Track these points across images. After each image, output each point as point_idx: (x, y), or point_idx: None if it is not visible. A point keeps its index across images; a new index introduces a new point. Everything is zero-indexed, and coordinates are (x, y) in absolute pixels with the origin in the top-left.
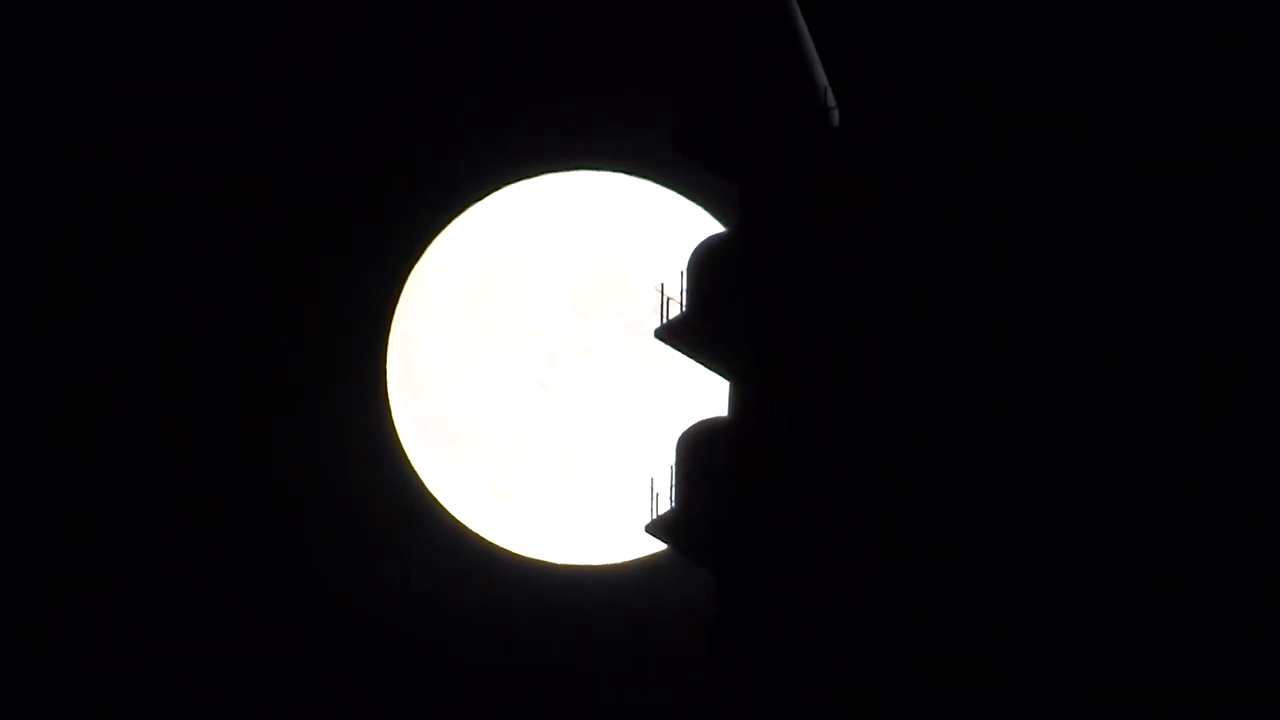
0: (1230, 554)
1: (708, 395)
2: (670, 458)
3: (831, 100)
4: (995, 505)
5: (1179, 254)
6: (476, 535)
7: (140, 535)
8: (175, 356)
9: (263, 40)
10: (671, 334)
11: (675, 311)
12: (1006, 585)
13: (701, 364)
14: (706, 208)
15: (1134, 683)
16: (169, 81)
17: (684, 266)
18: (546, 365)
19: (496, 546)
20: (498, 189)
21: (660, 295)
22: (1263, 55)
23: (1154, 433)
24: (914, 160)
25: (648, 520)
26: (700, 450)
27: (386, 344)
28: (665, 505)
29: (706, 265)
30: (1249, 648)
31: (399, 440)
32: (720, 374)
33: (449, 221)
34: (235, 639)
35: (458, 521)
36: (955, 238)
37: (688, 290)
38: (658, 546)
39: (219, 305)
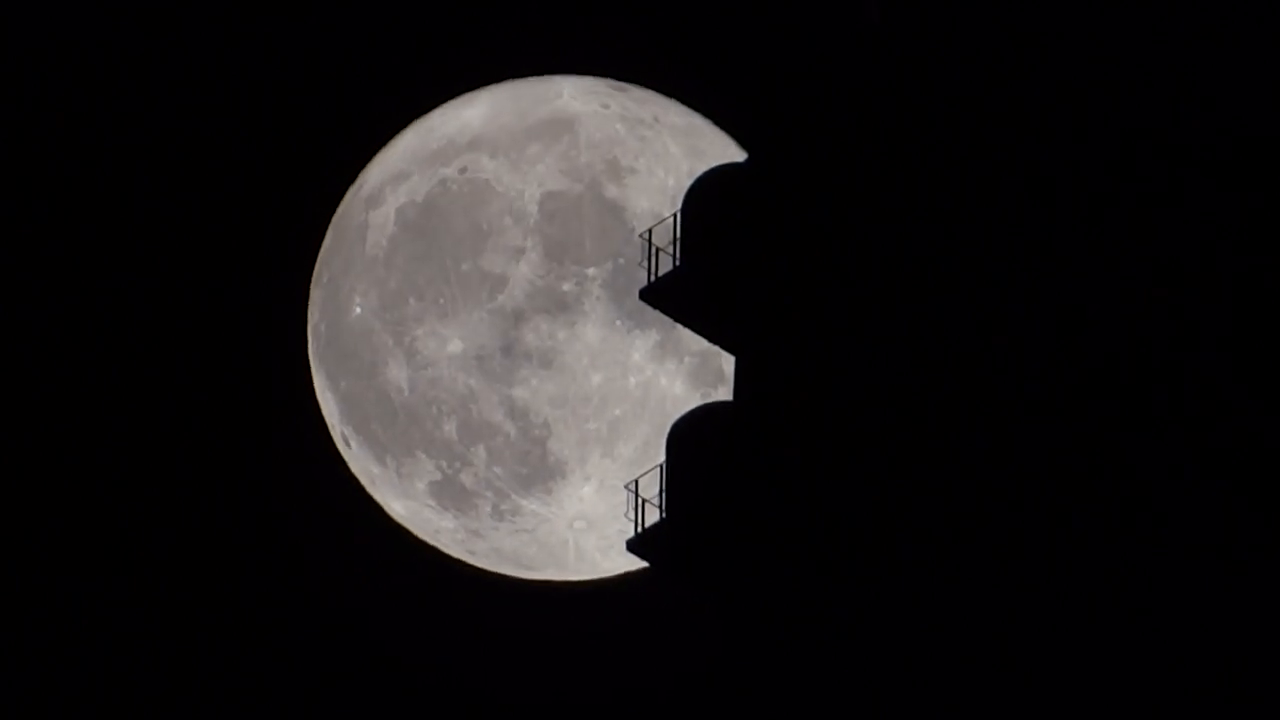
0: (1230, 554)
1: (716, 367)
2: (661, 451)
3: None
4: (995, 505)
5: (1179, 253)
6: (422, 542)
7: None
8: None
9: None
10: (660, 296)
11: (667, 266)
12: (1005, 584)
13: (699, 333)
14: (719, 123)
15: (1134, 680)
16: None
17: (679, 206)
18: (511, 326)
19: (448, 556)
20: (451, 98)
21: (647, 245)
22: (1262, 54)
23: (1154, 432)
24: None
25: (632, 532)
26: (696, 446)
27: (307, 298)
28: (654, 515)
29: (706, 207)
30: (1249, 647)
31: (324, 422)
32: (723, 347)
33: (389, 139)
34: (145, 646)
35: (399, 525)
36: (955, 238)
37: (682, 238)
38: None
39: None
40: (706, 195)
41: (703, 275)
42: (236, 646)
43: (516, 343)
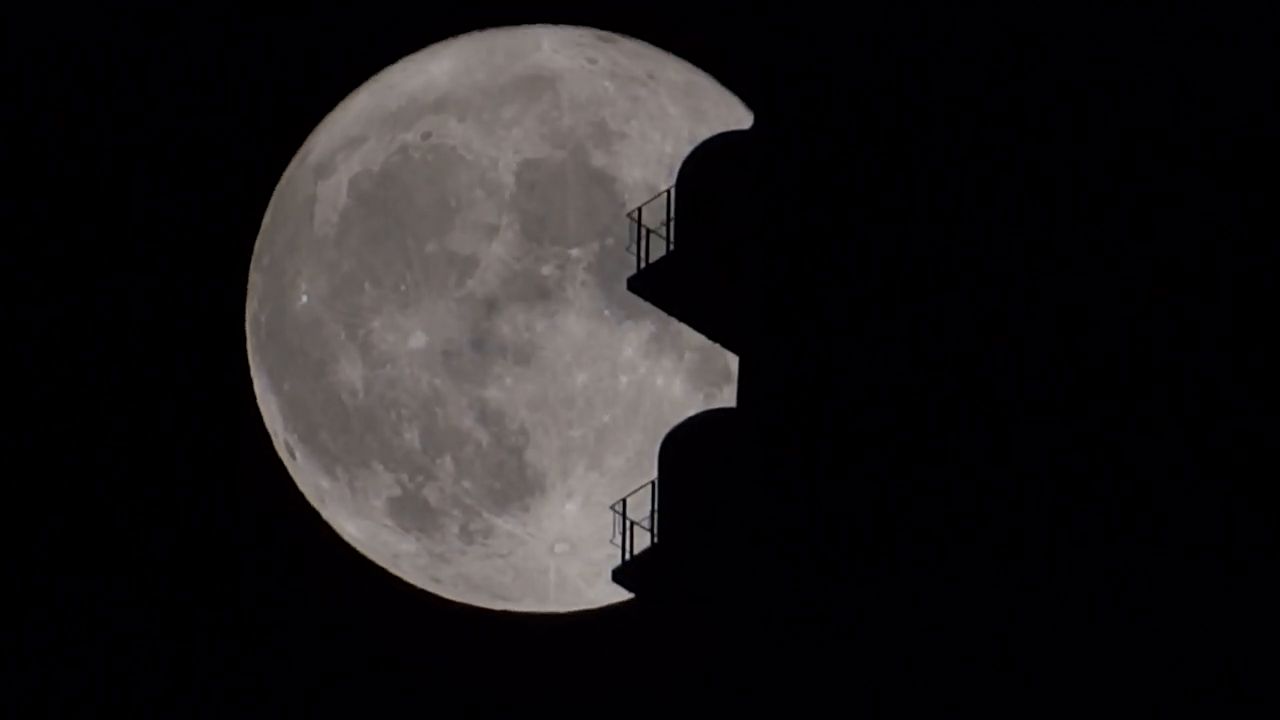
0: (1230, 553)
1: (721, 365)
2: (653, 466)
3: None
4: (995, 505)
5: (1179, 253)
6: (380, 569)
7: None
8: None
9: None
10: (650, 285)
11: (659, 250)
12: (1003, 584)
13: (696, 329)
14: (724, 81)
15: (1134, 680)
16: None
17: (674, 182)
18: (483, 316)
19: (409, 585)
20: (414, 51)
21: (635, 226)
22: (1263, 55)
23: (1154, 432)
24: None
25: (620, 559)
26: (693, 459)
27: (245, 284)
28: (644, 540)
29: (703, 181)
30: (1249, 647)
31: (265, 430)
32: (725, 345)
33: (340, 98)
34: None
35: (352, 549)
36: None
37: (676, 218)
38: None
39: None
40: (704, 168)
41: (700, 261)
42: (163, 697)
43: (489, 336)
